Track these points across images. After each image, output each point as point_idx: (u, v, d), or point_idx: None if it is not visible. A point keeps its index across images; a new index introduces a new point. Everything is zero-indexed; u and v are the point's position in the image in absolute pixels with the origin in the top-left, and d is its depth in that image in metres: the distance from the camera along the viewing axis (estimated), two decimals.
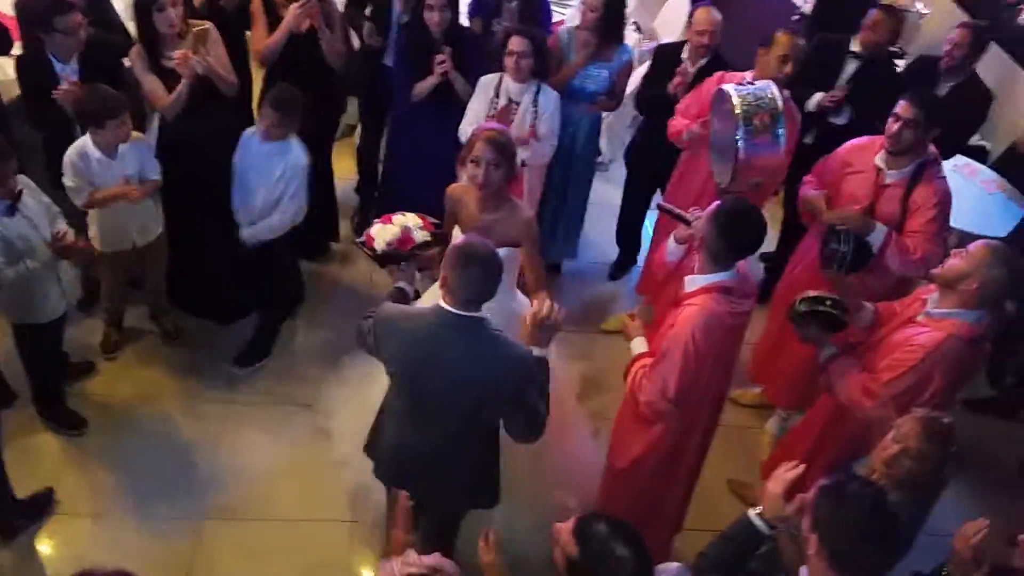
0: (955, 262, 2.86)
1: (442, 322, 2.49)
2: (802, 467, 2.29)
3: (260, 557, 3.37)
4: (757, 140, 3.34)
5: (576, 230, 4.85)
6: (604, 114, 4.69)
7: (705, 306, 2.76)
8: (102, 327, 4.13)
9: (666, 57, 4.37)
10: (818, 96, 4.42)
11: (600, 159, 5.03)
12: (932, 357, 2.82)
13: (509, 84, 3.99)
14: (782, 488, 2.24)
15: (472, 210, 3.13)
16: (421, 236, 3.03)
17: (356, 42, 4.66)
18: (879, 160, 3.53)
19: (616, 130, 5.64)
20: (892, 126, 3.40)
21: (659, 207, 3.50)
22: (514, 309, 3.10)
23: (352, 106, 5.06)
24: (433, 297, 2.85)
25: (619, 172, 4.80)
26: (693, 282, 2.85)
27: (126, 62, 3.85)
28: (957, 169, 5.19)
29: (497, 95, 4.02)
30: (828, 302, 3.05)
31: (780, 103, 3.36)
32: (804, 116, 4.43)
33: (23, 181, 3.18)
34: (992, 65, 5.78)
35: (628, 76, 4.43)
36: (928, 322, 2.91)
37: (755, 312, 4.34)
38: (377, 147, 4.90)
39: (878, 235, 3.45)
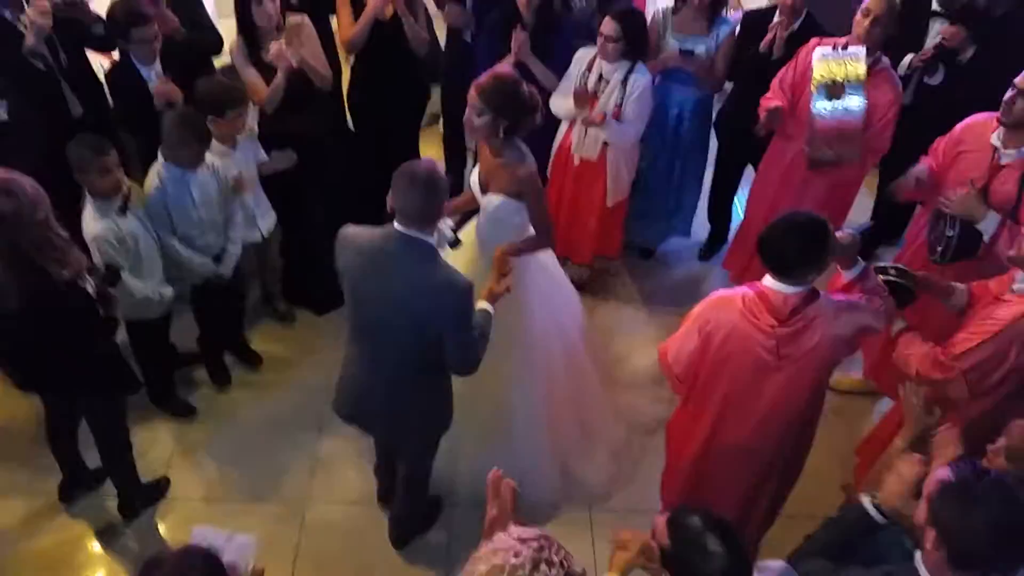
0: None
1: (389, 238, 2.63)
2: (926, 466, 2.19)
3: (362, 539, 3.45)
4: (835, 107, 3.22)
5: (692, 210, 4.80)
6: None
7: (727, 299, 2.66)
8: None
9: (754, 23, 4.24)
10: (909, 57, 4.22)
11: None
12: (1010, 331, 2.64)
13: (602, 61, 3.97)
14: (906, 485, 2.15)
15: (485, 155, 3.17)
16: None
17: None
18: (995, 138, 3.28)
19: None
20: (1008, 97, 3.16)
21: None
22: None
23: (436, 94, 5.09)
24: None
25: (712, 148, 4.68)
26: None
27: (225, 56, 3.94)
28: None
29: (589, 69, 4.00)
30: (892, 271, 2.91)
31: (862, 69, 3.21)
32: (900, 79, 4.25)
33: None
34: None
35: (730, 51, 4.26)
36: (1012, 298, 2.72)
37: None
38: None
39: (990, 223, 3.20)
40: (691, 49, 4.16)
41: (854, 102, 3.34)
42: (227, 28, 4.44)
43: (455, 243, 3.21)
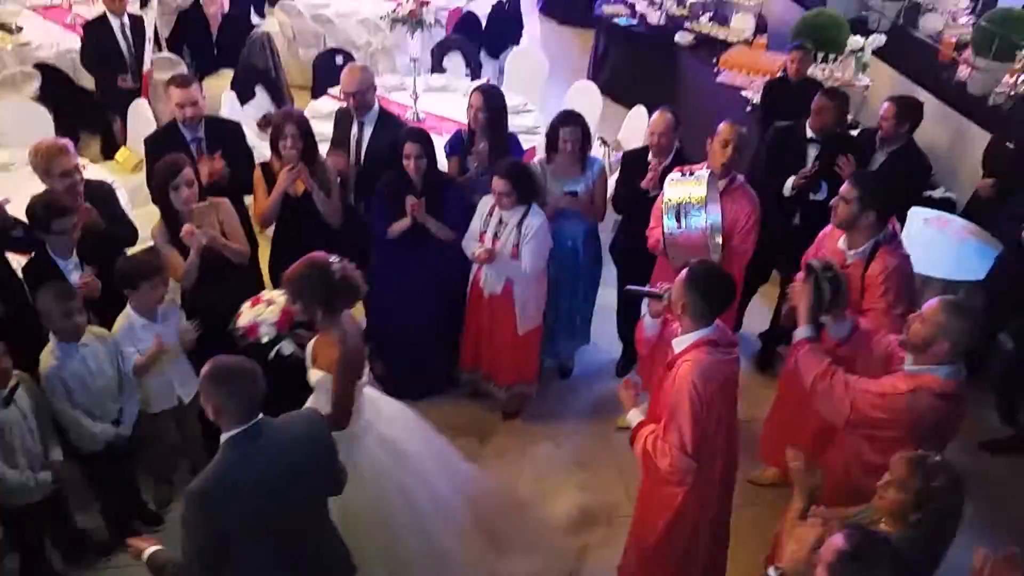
0: (917, 327, 2.96)
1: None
2: (821, 525, 2.40)
3: None
4: (679, 225, 3.73)
5: (587, 322, 5.11)
6: None
7: (698, 359, 2.95)
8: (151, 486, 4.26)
9: (633, 160, 4.74)
10: (791, 180, 4.75)
11: None
12: (899, 402, 2.93)
13: (500, 209, 4.34)
14: (807, 550, 2.34)
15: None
16: (266, 333, 3.46)
17: None
18: (841, 242, 3.74)
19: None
20: (832, 202, 3.69)
21: (626, 292, 3.70)
22: None
23: None
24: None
25: (611, 273, 5.05)
26: (680, 343, 3.05)
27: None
28: (928, 223, 5.46)
29: (491, 214, 4.36)
30: (831, 275, 3.21)
31: (702, 191, 3.71)
32: (787, 201, 4.81)
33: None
34: (943, 121, 6.15)
35: (605, 184, 4.75)
36: (902, 376, 3.02)
37: (758, 388, 4.54)
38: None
39: (842, 326, 3.37)
40: (573, 190, 4.59)
41: (694, 221, 3.75)
42: (142, 216, 4.70)
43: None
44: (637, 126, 6.18)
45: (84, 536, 4.03)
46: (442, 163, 4.80)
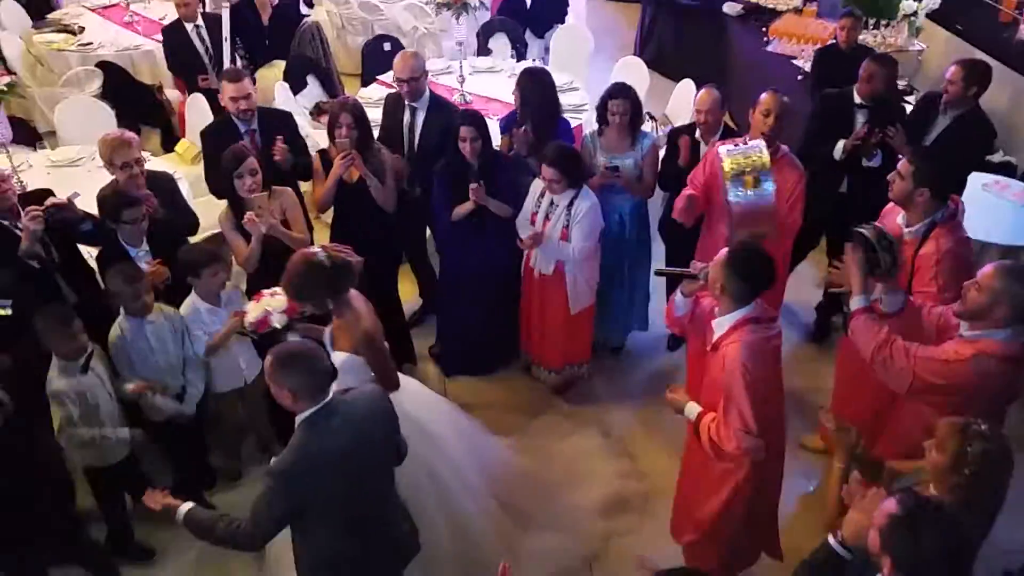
0: (974, 295, 2.93)
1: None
2: (883, 492, 2.41)
3: None
4: (748, 194, 3.60)
5: (644, 304, 5.12)
6: None
7: (744, 339, 2.98)
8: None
9: (678, 138, 4.73)
10: (842, 143, 4.66)
11: None
12: (962, 367, 2.91)
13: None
14: (867, 516, 2.35)
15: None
16: (278, 320, 3.61)
17: None
18: (900, 219, 3.68)
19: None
20: (889, 177, 3.62)
21: (657, 272, 3.71)
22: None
23: None
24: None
25: (661, 250, 5.07)
26: (721, 324, 3.07)
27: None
28: (988, 187, 5.33)
29: (542, 195, 4.42)
30: (887, 242, 3.15)
31: (766, 158, 3.63)
32: (838, 166, 4.73)
33: None
34: (1003, 83, 5.96)
35: (655, 160, 4.73)
36: (961, 342, 2.99)
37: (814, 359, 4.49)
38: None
39: (896, 299, 3.32)
40: (615, 165, 4.58)
41: (766, 188, 3.76)
42: (203, 205, 4.87)
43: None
44: (685, 100, 6.14)
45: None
46: (496, 142, 4.86)
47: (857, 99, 4.76)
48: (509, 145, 4.86)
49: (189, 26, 6.35)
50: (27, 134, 6.81)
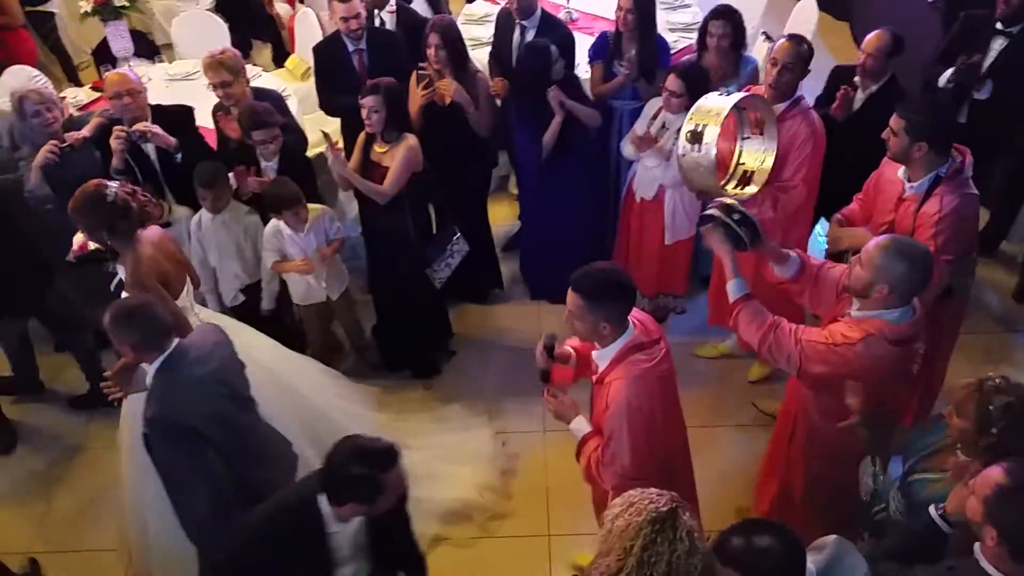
0: (857, 270, 2.74)
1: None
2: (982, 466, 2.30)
3: None
4: (687, 147, 3.36)
5: None
6: None
7: (627, 373, 2.72)
8: None
9: (840, 80, 4.28)
10: (947, 72, 4.31)
11: None
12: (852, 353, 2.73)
13: (666, 112, 4.26)
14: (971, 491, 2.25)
15: None
16: (94, 243, 3.58)
17: None
18: (901, 173, 3.38)
19: None
20: (884, 134, 3.30)
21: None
22: None
23: (503, 157, 5.48)
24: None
25: None
26: (602, 357, 2.80)
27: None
28: None
29: (655, 118, 4.30)
30: (737, 216, 2.87)
31: (723, 113, 3.28)
32: (948, 93, 4.38)
33: None
34: None
35: (757, 82, 4.47)
36: (850, 322, 2.80)
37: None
38: None
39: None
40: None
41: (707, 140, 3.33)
42: (311, 121, 5.00)
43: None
44: (805, 19, 5.77)
45: None
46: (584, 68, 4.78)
47: (999, 24, 4.33)
48: (601, 74, 4.71)
49: None
50: (147, 47, 7.03)
